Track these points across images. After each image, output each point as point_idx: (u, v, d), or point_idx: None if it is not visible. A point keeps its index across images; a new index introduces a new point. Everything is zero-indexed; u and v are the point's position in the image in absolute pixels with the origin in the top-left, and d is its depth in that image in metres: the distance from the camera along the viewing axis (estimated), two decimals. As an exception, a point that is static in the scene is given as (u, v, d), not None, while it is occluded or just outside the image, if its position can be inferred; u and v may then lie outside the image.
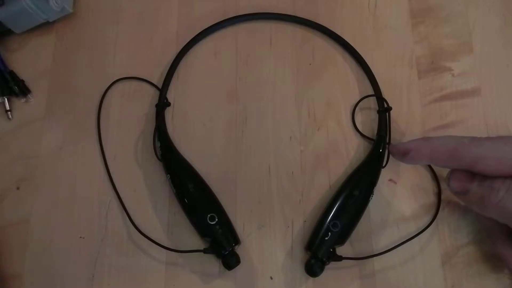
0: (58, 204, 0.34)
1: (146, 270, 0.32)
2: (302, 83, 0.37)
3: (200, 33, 0.38)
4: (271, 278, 0.32)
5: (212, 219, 0.31)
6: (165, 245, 0.32)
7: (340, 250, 0.31)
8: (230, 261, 0.30)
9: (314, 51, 0.38)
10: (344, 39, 0.37)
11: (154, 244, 0.32)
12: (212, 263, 0.32)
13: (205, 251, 0.31)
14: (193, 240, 0.33)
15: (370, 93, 0.36)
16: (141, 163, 0.35)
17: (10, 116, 0.36)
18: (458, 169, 0.27)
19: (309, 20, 0.38)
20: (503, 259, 0.29)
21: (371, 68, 0.37)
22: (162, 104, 0.35)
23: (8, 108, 0.36)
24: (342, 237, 0.31)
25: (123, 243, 0.33)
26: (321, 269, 0.30)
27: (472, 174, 0.27)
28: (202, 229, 0.31)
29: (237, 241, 0.31)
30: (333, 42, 0.38)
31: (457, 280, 0.32)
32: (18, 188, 0.35)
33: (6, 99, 0.36)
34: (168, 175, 0.33)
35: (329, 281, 0.32)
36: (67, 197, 0.34)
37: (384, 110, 0.35)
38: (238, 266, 0.31)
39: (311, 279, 0.32)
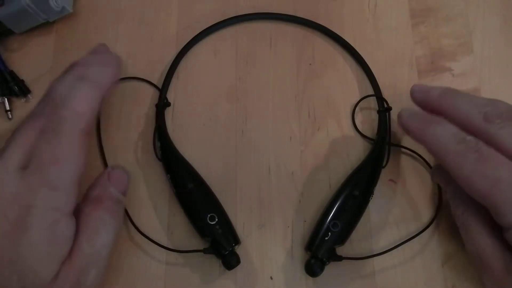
0: (58, 204, 0.34)
1: (146, 270, 0.32)
2: (302, 83, 0.37)
3: (200, 33, 0.38)
4: (271, 278, 0.32)
5: (212, 219, 0.31)
6: (165, 245, 0.32)
7: (340, 250, 0.31)
8: (230, 261, 0.30)
9: (314, 51, 0.38)
10: (344, 39, 0.37)
11: (154, 244, 0.32)
12: (212, 263, 0.32)
13: (205, 251, 0.31)
14: (193, 240, 0.33)
15: (370, 93, 0.36)
16: (141, 163, 0.35)
17: (10, 116, 0.36)
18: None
19: (309, 20, 0.38)
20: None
21: (371, 68, 0.37)
22: (162, 104, 0.35)
23: (8, 108, 0.36)
24: (342, 237, 0.31)
25: (123, 243, 0.33)
26: (321, 269, 0.30)
27: None
28: (202, 229, 0.31)
29: (237, 241, 0.31)
30: (333, 42, 0.38)
31: (457, 280, 0.32)
32: (18, 188, 0.35)
33: (6, 99, 0.36)
34: (168, 175, 0.33)
35: (329, 281, 0.32)
36: (67, 197, 0.34)
37: (384, 110, 0.35)
38: (238, 266, 0.31)
39: (311, 279, 0.32)
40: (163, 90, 0.36)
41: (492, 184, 0.24)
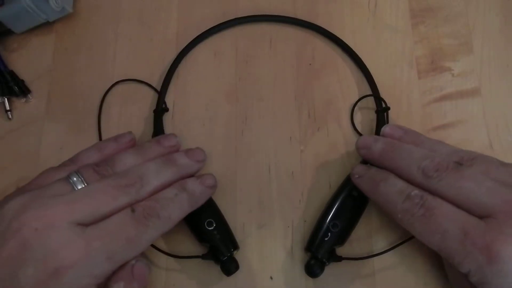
0: (58, 204, 0.34)
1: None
2: (302, 83, 0.37)
3: (199, 35, 0.38)
4: (271, 278, 0.32)
5: (210, 224, 0.30)
6: (164, 251, 0.32)
7: (340, 250, 0.31)
8: (228, 267, 0.30)
9: (314, 52, 0.38)
10: (342, 41, 0.37)
11: (153, 249, 0.32)
12: (212, 268, 0.32)
13: (203, 257, 0.30)
14: (192, 245, 0.32)
15: (369, 93, 0.36)
16: (141, 163, 0.35)
17: (10, 116, 0.36)
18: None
19: (308, 22, 0.38)
20: None
21: (371, 68, 0.37)
22: (160, 110, 0.35)
23: (8, 108, 0.36)
24: (342, 237, 0.31)
25: (123, 243, 0.33)
26: (321, 270, 0.30)
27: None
28: (199, 235, 0.31)
29: (235, 246, 0.31)
30: (332, 43, 0.38)
31: (457, 280, 0.32)
32: (18, 188, 0.35)
33: (6, 99, 0.36)
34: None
35: (329, 281, 0.32)
36: (67, 197, 0.34)
37: (382, 110, 0.35)
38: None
39: (311, 279, 0.32)
40: (161, 95, 0.36)
41: (441, 238, 0.25)
